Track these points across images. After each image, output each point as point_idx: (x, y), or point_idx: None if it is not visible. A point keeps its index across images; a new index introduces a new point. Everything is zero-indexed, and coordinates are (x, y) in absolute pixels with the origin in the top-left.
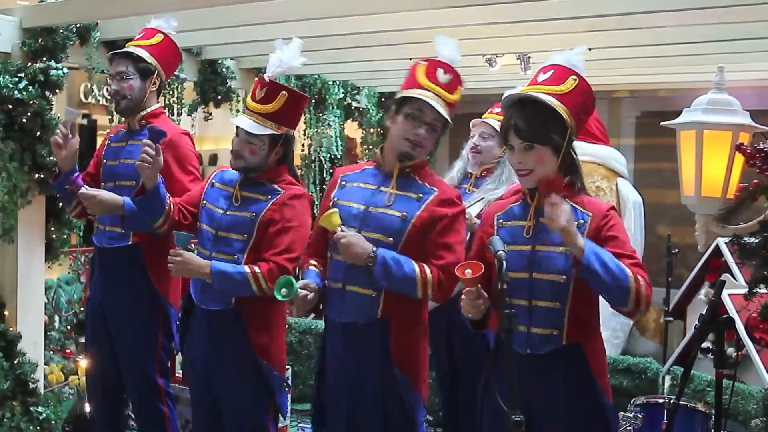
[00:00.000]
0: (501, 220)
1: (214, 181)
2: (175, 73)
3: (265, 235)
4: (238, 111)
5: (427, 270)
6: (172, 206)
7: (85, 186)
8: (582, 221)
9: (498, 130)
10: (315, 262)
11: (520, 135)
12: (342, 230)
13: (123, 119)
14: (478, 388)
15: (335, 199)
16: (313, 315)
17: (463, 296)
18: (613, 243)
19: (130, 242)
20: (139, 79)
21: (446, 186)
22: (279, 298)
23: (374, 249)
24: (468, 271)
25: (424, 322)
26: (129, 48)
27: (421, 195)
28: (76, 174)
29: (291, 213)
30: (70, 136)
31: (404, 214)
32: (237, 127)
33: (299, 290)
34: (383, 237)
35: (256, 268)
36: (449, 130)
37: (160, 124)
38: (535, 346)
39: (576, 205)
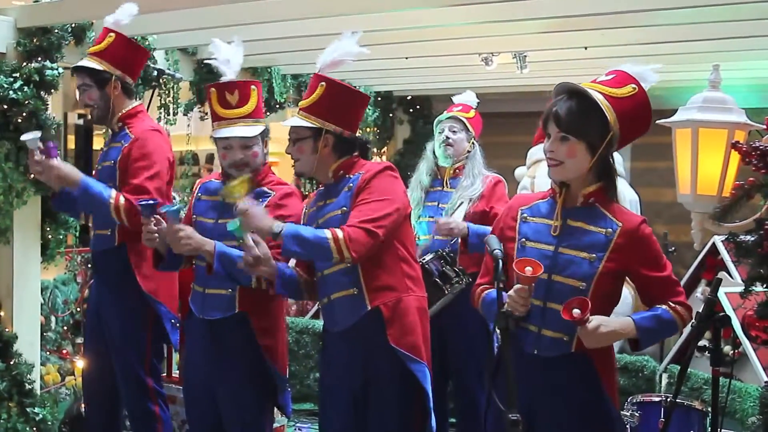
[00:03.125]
0: (525, 215)
1: (199, 194)
2: (171, 72)
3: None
4: None
5: (338, 231)
6: None
7: (57, 158)
8: (610, 230)
9: (465, 123)
10: (298, 269)
11: (558, 123)
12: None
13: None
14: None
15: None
16: (310, 315)
17: (512, 292)
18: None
19: (116, 243)
20: (97, 89)
21: (370, 165)
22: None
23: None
24: (528, 268)
25: (421, 305)
26: (79, 63)
27: (350, 185)
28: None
29: (286, 212)
30: (43, 158)
31: (344, 208)
32: (224, 140)
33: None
34: None
35: None
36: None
37: (137, 122)
38: (543, 349)
39: (606, 213)
